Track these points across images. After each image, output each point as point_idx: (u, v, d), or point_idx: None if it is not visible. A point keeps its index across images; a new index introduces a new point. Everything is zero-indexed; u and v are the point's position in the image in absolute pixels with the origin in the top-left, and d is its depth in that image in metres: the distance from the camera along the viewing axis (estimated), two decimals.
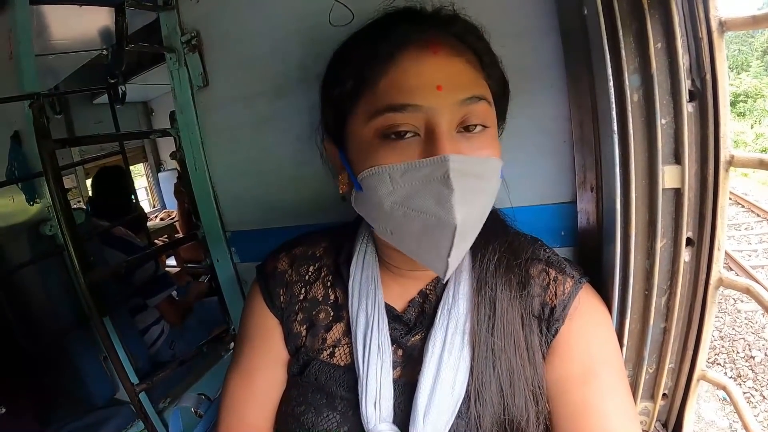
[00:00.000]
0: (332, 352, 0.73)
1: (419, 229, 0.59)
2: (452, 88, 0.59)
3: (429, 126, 0.58)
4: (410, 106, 0.58)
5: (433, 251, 0.59)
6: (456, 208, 0.55)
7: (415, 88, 0.58)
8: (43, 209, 1.59)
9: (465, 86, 0.60)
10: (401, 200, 0.59)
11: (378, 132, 0.60)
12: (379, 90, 0.60)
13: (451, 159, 0.55)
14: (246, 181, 1.16)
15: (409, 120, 0.58)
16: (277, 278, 0.80)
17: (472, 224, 0.60)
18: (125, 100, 2.57)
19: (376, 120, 0.60)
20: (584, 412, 0.62)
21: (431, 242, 0.58)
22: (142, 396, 1.42)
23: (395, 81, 0.60)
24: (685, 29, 0.62)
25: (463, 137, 0.60)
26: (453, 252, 0.57)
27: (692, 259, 0.70)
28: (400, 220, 0.60)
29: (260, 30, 1.02)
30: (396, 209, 0.59)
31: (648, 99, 0.65)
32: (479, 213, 0.61)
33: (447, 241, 0.57)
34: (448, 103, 0.58)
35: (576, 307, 0.68)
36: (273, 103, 1.05)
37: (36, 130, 1.22)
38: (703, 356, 0.73)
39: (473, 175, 0.58)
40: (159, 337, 2.25)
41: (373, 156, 0.60)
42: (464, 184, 0.56)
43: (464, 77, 0.61)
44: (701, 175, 0.65)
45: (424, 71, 0.59)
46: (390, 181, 0.59)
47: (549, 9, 0.78)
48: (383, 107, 0.59)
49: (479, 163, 0.59)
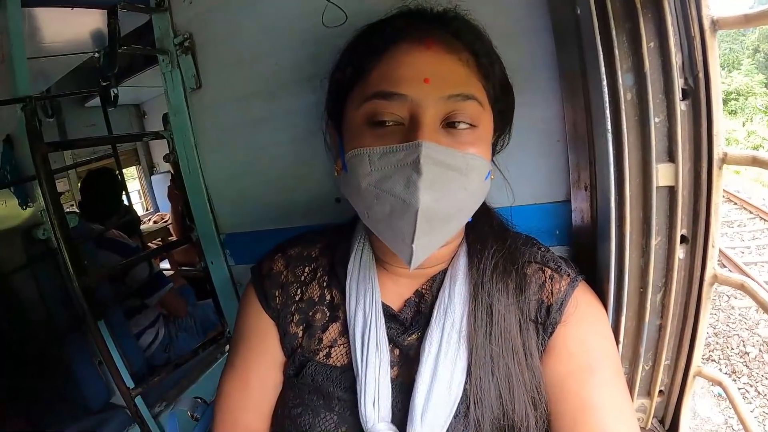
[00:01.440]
0: (328, 352, 0.73)
1: (388, 212, 0.60)
2: (440, 82, 0.60)
3: (413, 116, 0.60)
4: (396, 95, 0.60)
5: (398, 236, 0.61)
6: (421, 192, 0.56)
7: (402, 79, 0.61)
8: (36, 213, 1.58)
9: (454, 83, 0.61)
10: (375, 182, 0.60)
11: (366, 117, 0.63)
12: (372, 78, 0.64)
13: (424, 145, 0.57)
14: (240, 183, 1.15)
15: (394, 109, 0.61)
16: (273, 279, 0.80)
17: (441, 215, 0.60)
18: (117, 102, 2.56)
19: (365, 106, 0.63)
20: (582, 410, 0.63)
21: (398, 226, 0.60)
22: (138, 400, 1.41)
23: (386, 71, 0.63)
24: (678, 28, 0.63)
25: (447, 132, 0.62)
26: (417, 239, 0.58)
27: (687, 257, 0.70)
28: (373, 201, 0.61)
29: (253, 31, 1.02)
30: (371, 190, 0.61)
31: (641, 97, 0.66)
32: (451, 205, 0.61)
33: (410, 224, 0.58)
34: (433, 97, 0.60)
35: (572, 305, 0.68)
36: (266, 104, 1.05)
37: (28, 134, 1.22)
38: (698, 352, 0.74)
39: (446, 165, 0.59)
40: (153, 341, 2.25)
41: (358, 139, 0.63)
42: (435, 171, 0.58)
43: (454, 74, 0.62)
44: (695, 172, 0.66)
45: (414, 63, 0.61)
46: (369, 162, 0.61)
47: (542, 9, 0.78)
48: (372, 94, 0.62)
49: (454, 156, 0.60)
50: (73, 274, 1.27)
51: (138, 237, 2.48)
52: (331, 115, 0.76)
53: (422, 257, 0.61)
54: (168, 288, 2.26)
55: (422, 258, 0.62)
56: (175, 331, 2.38)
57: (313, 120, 0.99)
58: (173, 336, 2.36)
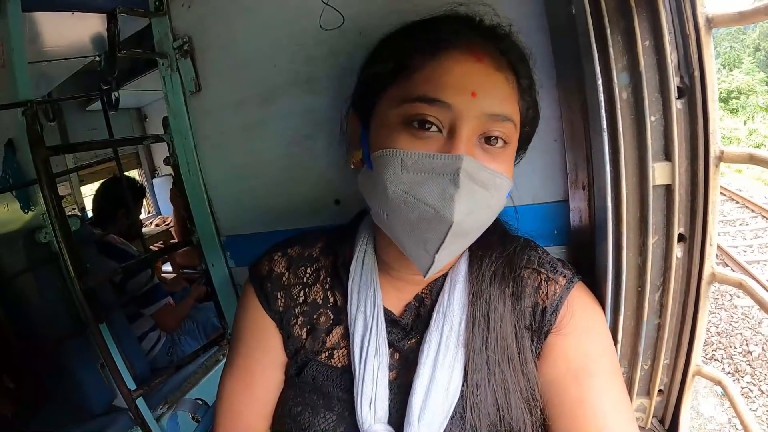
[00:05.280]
0: (330, 353, 0.73)
1: (415, 219, 0.59)
2: (485, 98, 0.60)
3: (453, 126, 0.60)
4: (441, 102, 0.59)
5: (421, 245, 0.60)
6: (457, 206, 0.56)
7: (450, 87, 0.60)
8: (37, 216, 1.59)
9: (497, 102, 0.61)
10: (406, 186, 0.60)
11: (403, 118, 0.61)
12: (415, 79, 0.62)
13: (465, 159, 0.57)
14: (240, 186, 1.16)
15: (437, 114, 0.60)
16: (274, 281, 0.79)
17: (467, 230, 0.60)
18: (119, 106, 2.56)
19: (405, 106, 0.61)
20: (579, 411, 0.63)
21: (423, 234, 0.59)
22: (140, 402, 1.42)
23: (433, 75, 0.61)
24: (673, 26, 0.63)
25: (482, 147, 0.62)
26: (442, 250, 0.58)
27: (684, 255, 0.70)
28: (399, 205, 0.60)
29: (252, 34, 1.02)
30: (399, 194, 0.60)
31: (637, 96, 0.66)
32: (477, 222, 0.61)
33: (439, 236, 0.58)
34: (476, 112, 0.59)
35: (568, 306, 0.68)
36: (265, 107, 1.05)
37: (30, 138, 1.22)
38: (697, 351, 0.74)
39: (480, 182, 0.59)
40: (156, 343, 2.25)
41: (392, 139, 0.62)
42: (471, 187, 0.58)
43: (499, 93, 0.62)
44: (691, 171, 0.66)
45: (464, 74, 0.60)
46: (401, 165, 0.60)
47: (538, 8, 0.78)
48: (415, 96, 0.61)
49: (490, 175, 0.60)
50: (75, 277, 1.28)
51: (141, 242, 2.47)
52: (358, 108, 0.74)
53: (439, 267, 0.62)
54: (164, 302, 2.25)
55: (438, 267, 0.62)
56: (178, 335, 2.38)
57: (311, 122, 0.99)
58: (176, 339, 2.37)
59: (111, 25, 1.06)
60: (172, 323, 2.33)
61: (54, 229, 1.38)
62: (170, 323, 2.32)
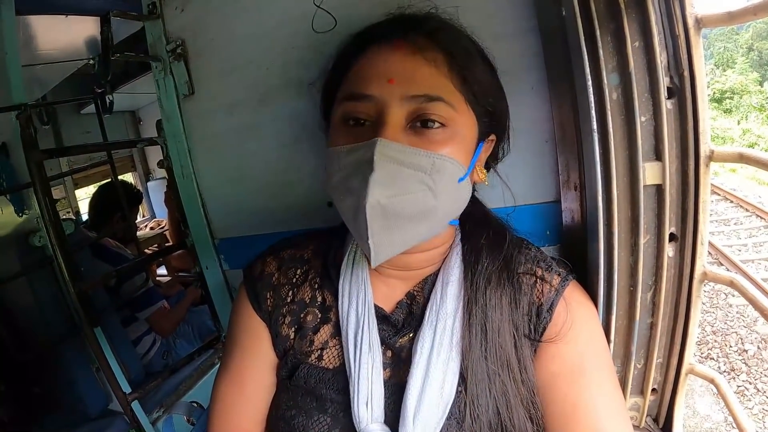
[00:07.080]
0: (320, 354, 0.73)
1: (350, 208, 0.61)
2: (404, 82, 0.61)
3: (379, 116, 0.62)
4: (365, 96, 0.63)
5: (358, 232, 0.61)
6: (371, 187, 0.57)
7: (369, 79, 0.63)
8: (31, 220, 1.58)
9: (419, 83, 0.62)
10: (341, 179, 0.63)
11: (342, 117, 0.66)
12: (349, 79, 0.67)
13: (379, 142, 0.59)
14: (233, 188, 1.16)
15: (363, 109, 0.63)
16: (264, 281, 0.79)
17: (400, 212, 0.59)
18: (113, 109, 2.56)
19: (342, 106, 0.66)
20: (573, 410, 0.63)
21: (357, 222, 0.60)
22: (136, 406, 1.41)
23: (359, 72, 0.66)
24: (662, 27, 0.63)
25: (415, 132, 0.62)
26: (373, 235, 0.58)
27: (676, 254, 0.71)
28: (339, 197, 0.64)
29: (244, 38, 1.03)
30: (339, 188, 0.63)
31: (627, 97, 0.66)
32: (412, 203, 0.60)
33: (363, 221, 0.58)
34: (397, 97, 0.61)
35: (563, 305, 0.68)
36: (258, 110, 1.05)
37: (23, 141, 1.22)
38: (690, 350, 0.74)
39: (404, 163, 0.59)
40: (151, 346, 2.24)
41: (335, 138, 0.66)
42: (390, 168, 0.58)
43: (419, 74, 0.63)
44: (682, 170, 0.67)
45: (381, 64, 0.64)
46: (338, 161, 0.63)
47: (528, 11, 0.79)
48: (345, 95, 0.66)
49: (416, 154, 0.60)
50: (69, 280, 1.27)
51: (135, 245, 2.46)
52: (325, 117, 0.77)
53: (386, 255, 0.62)
54: (159, 305, 2.25)
55: (387, 255, 0.62)
56: (173, 338, 2.37)
57: (303, 125, 0.99)
58: (171, 343, 2.36)
59: (104, 28, 1.06)
60: (167, 326, 2.31)
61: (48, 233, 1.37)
62: (165, 327, 2.30)
